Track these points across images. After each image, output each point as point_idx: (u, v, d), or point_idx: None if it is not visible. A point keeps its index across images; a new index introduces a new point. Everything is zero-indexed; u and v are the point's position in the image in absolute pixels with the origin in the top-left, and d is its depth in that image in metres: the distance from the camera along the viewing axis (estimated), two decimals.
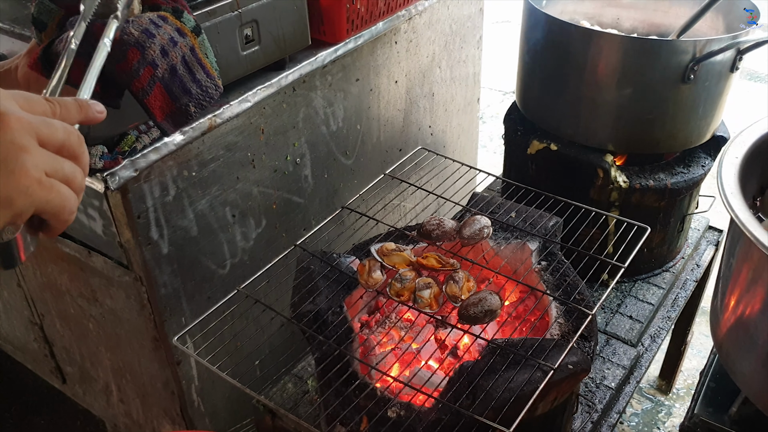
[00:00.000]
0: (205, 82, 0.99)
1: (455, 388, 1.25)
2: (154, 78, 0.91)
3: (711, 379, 1.31)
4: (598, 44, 1.76)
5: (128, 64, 0.88)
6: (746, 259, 1.02)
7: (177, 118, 0.95)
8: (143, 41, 0.89)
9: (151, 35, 0.90)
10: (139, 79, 0.89)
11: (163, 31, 0.92)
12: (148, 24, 0.91)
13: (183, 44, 0.94)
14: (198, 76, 0.98)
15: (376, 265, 1.44)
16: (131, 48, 0.88)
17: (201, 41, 0.99)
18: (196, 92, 0.97)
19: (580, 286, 1.47)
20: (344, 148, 2.02)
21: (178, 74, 0.93)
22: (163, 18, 0.95)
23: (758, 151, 1.14)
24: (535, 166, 2.02)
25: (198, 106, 0.96)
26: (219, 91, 1.00)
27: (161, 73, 0.91)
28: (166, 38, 0.93)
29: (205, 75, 0.99)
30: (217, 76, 1.00)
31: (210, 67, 1.00)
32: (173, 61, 0.93)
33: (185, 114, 0.96)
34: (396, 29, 2.04)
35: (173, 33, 0.95)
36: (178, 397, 1.79)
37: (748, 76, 4.76)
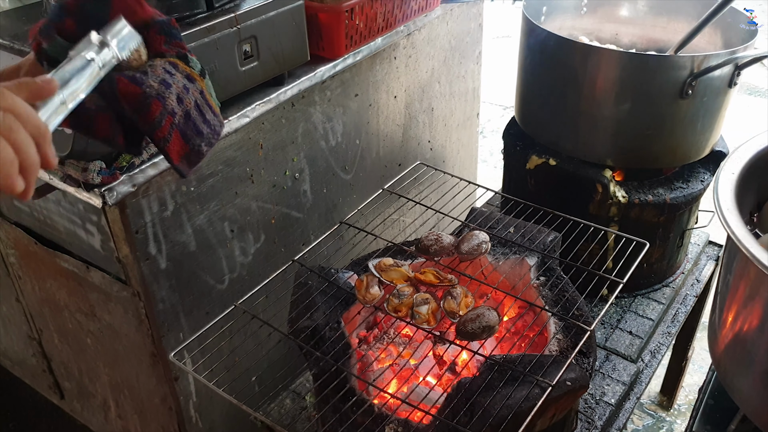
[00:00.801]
0: (213, 121, 1.02)
1: (453, 404, 1.24)
2: (173, 126, 0.95)
3: (709, 396, 1.30)
4: (596, 60, 1.77)
5: (152, 115, 0.91)
6: (743, 275, 1.01)
7: (191, 158, 0.99)
8: (162, 92, 0.92)
9: (168, 85, 0.93)
10: (161, 129, 0.92)
11: (177, 80, 0.95)
12: (164, 74, 0.94)
13: (194, 90, 0.98)
14: (208, 116, 1.01)
15: (374, 281, 1.44)
16: (154, 100, 0.91)
17: (207, 82, 1.02)
18: (207, 132, 1.00)
19: (578, 302, 1.47)
20: (343, 163, 2.02)
21: (192, 118, 0.97)
22: (174, 65, 0.97)
23: (755, 167, 1.14)
24: (534, 181, 2.02)
25: (208, 144, 1.00)
26: (223, 126, 1.03)
27: (178, 120, 0.95)
28: (181, 86, 0.96)
29: (213, 115, 1.02)
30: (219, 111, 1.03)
31: (215, 106, 1.04)
32: (187, 107, 0.96)
33: (198, 154, 0.99)
34: (395, 45, 2.05)
35: (185, 80, 0.98)
36: (176, 413, 1.78)
37: (748, 91, 4.77)
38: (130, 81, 0.88)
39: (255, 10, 1.54)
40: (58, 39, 0.91)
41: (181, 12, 1.45)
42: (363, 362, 1.46)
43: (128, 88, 0.88)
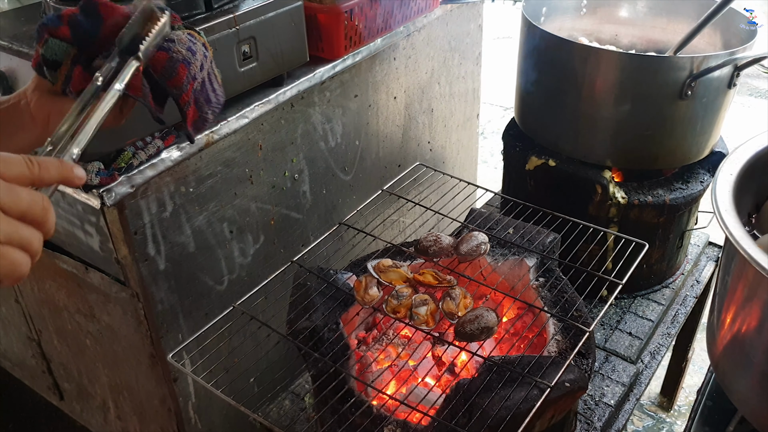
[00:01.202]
0: (219, 91, 1.06)
1: (451, 405, 1.24)
2: (194, 91, 0.98)
3: (708, 398, 1.30)
4: (596, 61, 1.76)
5: (180, 79, 0.94)
6: (741, 276, 1.01)
7: (199, 124, 1.04)
8: (189, 58, 0.94)
9: (193, 52, 0.95)
10: (187, 93, 0.96)
11: (198, 48, 0.99)
12: (189, 42, 0.97)
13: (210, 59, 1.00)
14: (215, 86, 1.05)
15: (373, 282, 1.44)
16: (181, 64, 0.93)
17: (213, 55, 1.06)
18: (214, 101, 1.05)
19: (577, 303, 1.46)
20: (343, 164, 2.02)
21: (205, 87, 1.01)
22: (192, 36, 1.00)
23: (754, 168, 1.13)
24: (533, 182, 2.02)
25: (214, 113, 1.04)
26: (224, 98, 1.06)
27: (198, 86, 0.97)
28: (201, 54, 0.98)
29: (219, 85, 1.06)
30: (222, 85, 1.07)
31: (219, 78, 1.07)
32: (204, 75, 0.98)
33: (205, 120, 1.06)
34: (395, 46, 2.05)
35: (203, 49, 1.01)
36: (175, 414, 1.78)
37: (749, 92, 4.76)
38: (157, 49, 0.91)
39: (254, 10, 1.54)
40: (51, 40, 0.92)
41: (180, 12, 1.45)
42: (362, 363, 1.46)
43: (156, 54, 0.91)
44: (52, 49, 0.92)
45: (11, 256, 0.64)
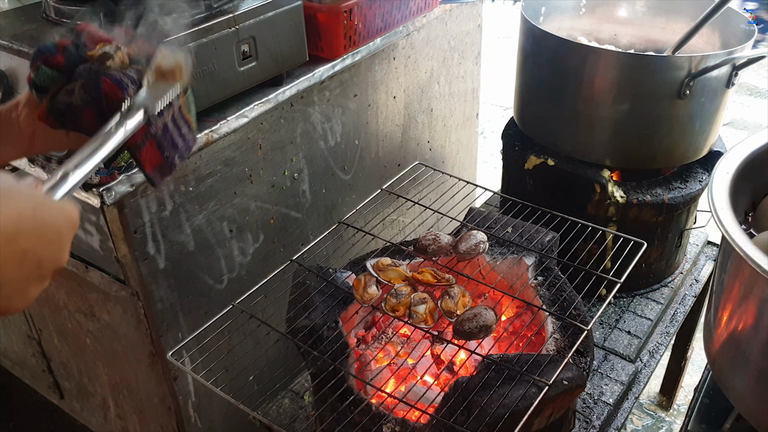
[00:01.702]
0: (188, 136, 1.05)
1: (450, 403, 1.24)
2: (147, 135, 0.96)
3: (705, 396, 1.30)
4: (594, 60, 1.77)
5: (135, 138, 0.93)
6: (737, 275, 1.01)
7: (164, 169, 1.01)
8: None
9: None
10: (134, 137, 0.93)
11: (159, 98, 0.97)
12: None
13: (175, 105, 0.98)
14: (183, 131, 1.03)
15: (372, 281, 1.44)
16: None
17: (188, 97, 1.04)
18: (181, 146, 1.03)
19: (576, 301, 1.47)
20: (342, 164, 2.03)
21: (169, 131, 0.99)
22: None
23: (750, 166, 1.14)
24: (532, 181, 2.03)
25: (181, 157, 1.03)
26: (196, 141, 1.06)
27: (154, 130, 0.96)
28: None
29: (188, 129, 1.05)
30: (196, 127, 1.05)
31: (192, 121, 1.06)
32: (165, 120, 0.97)
33: (171, 166, 1.03)
34: (394, 45, 2.05)
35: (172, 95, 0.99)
36: (175, 412, 1.78)
37: (749, 92, 4.77)
38: (114, 83, 0.91)
39: (253, 10, 1.54)
40: (43, 67, 0.94)
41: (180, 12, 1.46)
42: (361, 361, 1.46)
43: (111, 89, 0.91)
44: (42, 76, 0.94)
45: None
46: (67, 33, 1.00)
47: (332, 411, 1.33)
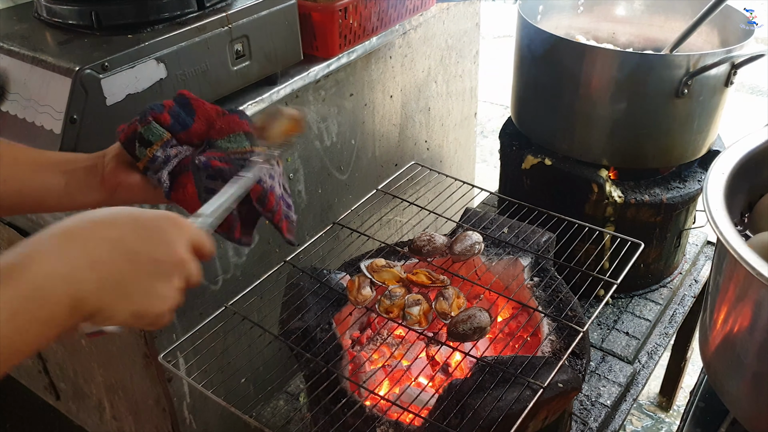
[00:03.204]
0: (287, 195, 1.13)
1: (443, 406, 1.23)
2: (282, 209, 1.07)
3: (700, 399, 1.29)
4: (591, 59, 1.76)
5: (270, 204, 1.02)
6: (732, 277, 1.00)
7: (290, 228, 1.11)
8: (273, 186, 1.03)
9: (273, 177, 1.03)
10: (278, 213, 1.05)
11: (275, 171, 1.05)
12: (270, 169, 1.03)
13: (281, 174, 1.09)
14: (288, 191, 1.12)
15: (366, 282, 1.43)
16: (270, 193, 1.02)
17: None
18: (291, 204, 1.12)
19: (572, 303, 1.45)
20: (338, 163, 2.02)
21: (284, 198, 1.08)
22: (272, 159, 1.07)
23: (746, 167, 1.12)
24: (530, 181, 2.01)
25: (295, 213, 1.13)
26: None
27: (282, 203, 1.07)
28: (277, 176, 1.06)
29: (287, 191, 1.14)
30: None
31: (287, 185, 1.16)
32: (281, 190, 1.07)
33: (293, 223, 1.12)
34: (390, 44, 2.04)
35: (279, 168, 1.08)
36: (170, 414, 1.77)
37: (749, 90, 4.75)
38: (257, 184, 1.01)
39: (247, 9, 1.53)
40: (154, 123, 1.00)
41: (172, 11, 1.45)
42: (355, 363, 1.45)
43: (256, 189, 1.00)
44: (152, 131, 1.00)
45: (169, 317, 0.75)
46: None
47: (326, 413, 1.32)
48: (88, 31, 1.42)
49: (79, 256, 0.65)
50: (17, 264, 0.62)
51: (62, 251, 0.65)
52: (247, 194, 0.98)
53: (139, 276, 0.69)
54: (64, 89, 1.29)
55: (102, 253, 0.67)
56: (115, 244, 0.68)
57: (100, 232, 0.68)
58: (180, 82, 1.43)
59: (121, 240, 0.69)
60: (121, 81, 1.34)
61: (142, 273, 0.69)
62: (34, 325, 0.62)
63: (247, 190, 0.97)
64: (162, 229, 0.72)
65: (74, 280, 0.64)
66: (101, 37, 1.40)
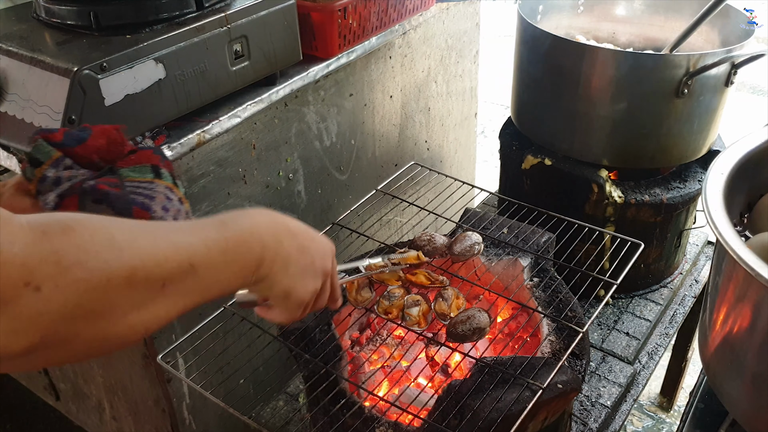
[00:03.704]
0: None
1: (442, 407, 1.23)
2: None
3: (700, 400, 1.28)
4: (591, 59, 1.75)
5: None
6: (731, 278, 1.00)
7: None
8: (163, 215, 0.97)
9: (167, 210, 0.98)
10: None
11: (172, 204, 1.00)
12: (165, 200, 0.98)
13: (184, 211, 1.02)
14: None
15: (365, 282, 1.43)
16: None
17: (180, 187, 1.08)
18: None
19: (572, 303, 1.45)
20: (338, 164, 2.01)
21: None
22: (170, 190, 1.01)
23: (746, 167, 1.12)
24: (530, 181, 2.01)
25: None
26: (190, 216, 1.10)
27: None
28: (175, 209, 1.00)
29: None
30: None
31: (187, 204, 1.09)
32: None
33: None
34: (390, 44, 2.03)
35: (178, 204, 1.02)
36: (169, 415, 1.77)
37: (751, 90, 4.74)
38: (141, 209, 0.95)
39: (245, 9, 1.53)
40: (41, 141, 0.95)
41: (171, 12, 1.44)
42: (354, 364, 1.45)
43: (141, 215, 0.95)
44: (39, 149, 0.96)
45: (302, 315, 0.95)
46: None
47: (325, 414, 1.31)
48: (86, 31, 1.42)
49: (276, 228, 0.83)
50: (233, 216, 0.79)
51: (264, 217, 0.83)
52: None
53: (300, 263, 0.85)
54: (63, 90, 1.28)
55: (284, 239, 0.83)
56: (294, 235, 0.85)
57: (287, 222, 0.86)
58: (179, 82, 1.43)
59: (298, 235, 0.86)
60: (120, 81, 1.33)
61: (302, 263, 0.86)
62: (231, 267, 0.75)
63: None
64: (325, 246, 0.93)
65: (266, 244, 0.80)
66: (100, 37, 1.40)
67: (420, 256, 1.46)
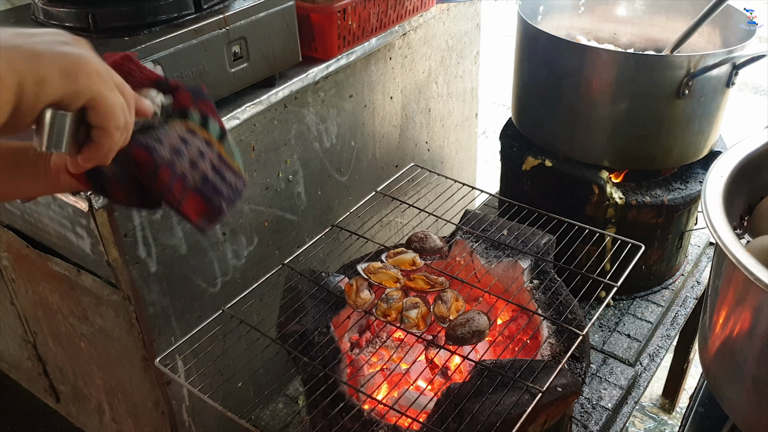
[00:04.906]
0: (234, 182, 1.04)
1: (441, 410, 1.22)
2: (185, 189, 0.95)
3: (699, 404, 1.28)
4: (592, 60, 1.74)
5: (161, 182, 0.92)
6: (731, 281, 0.99)
7: (211, 216, 0.99)
8: (173, 160, 0.93)
9: (179, 154, 0.93)
10: (172, 194, 0.93)
11: (191, 147, 0.96)
12: (179, 142, 0.95)
13: (211, 155, 0.99)
14: (227, 177, 1.02)
15: (364, 285, 1.42)
16: (163, 167, 0.91)
17: (227, 145, 1.03)
18: (227, 192, 1.01)
19: (572, 305, 1.44)
20: (338, 165, 2.01)
21: (209, 180, 0.98)
22: (192, 132, 0.98)
23: (746, 169, 1.11)
24: (530, 183, 2.00)
25: (229, 203, 1.02)
26: (246, 186, 1.04)
27: (192, 183, 0.96)
28: (195, 153, 0.97)
29: (233, 175, 1.03)
30: (243, 171, 1.04)
31: (237, 166, 1.05)
32: (203, 171, 0.97)
33: (218, 212, 1.00)
34: (390, 45, 2.03)
35: (202, 146, 0.99)
36: (169, 417, 1.77)
37: (753, 90, 4.72)
38: (143, 149, 0.90)
39: (244, 11, 1.52)
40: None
41: (169, 13, 1.44)
42: (353, 366, 1.44)
43: (142, 156, 0.90)
44: None
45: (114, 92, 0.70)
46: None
47: (324, 417, 1.31)
48: (84, 33, 1.41)
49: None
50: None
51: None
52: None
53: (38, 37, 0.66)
54: None
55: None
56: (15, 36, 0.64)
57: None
58: None
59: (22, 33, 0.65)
60: None
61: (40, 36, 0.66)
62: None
63: None
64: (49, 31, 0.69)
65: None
66: (98, 39, 1.39)
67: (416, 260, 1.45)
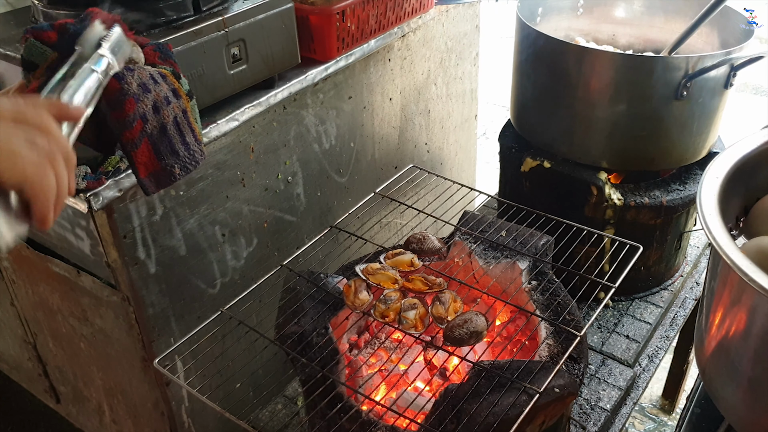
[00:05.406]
0: (194, 147, 0.98)
1: (439, 411, 1.23)
2: (144, 132, 0.91)
3: (696, 405, 1.28)
4: (590, 61, 1.75)
5: (124, 113, 0.89)
6: (726, 282, 0.99)
7: (160, 178, 0.95)
8: (139, 94, 0.90)
9: (147, 90, 0.91)
10: (131, 131, 0.89)
11: (159, 88, 0.93)
12: (148, 79, 0.92)
13: (176, 105, 0.94)
14: (188, 138, 0.97)
15: (363, 286, 1.42)
16: (129, 98, 0.88)
17: (193, 106, 0.99)
18: (183, 155, 0.97)
19: (570, 306, 1.45)
20: (338, 166, 2.01)
21: (168, 134, 0.94)
22: (162, 75, 0.95)
23: (742, 170, 1.11)
24: (529, 184, 2.01)
25: (183, 168, 0.96)
26: (203, 157, 1.00)
27: (150, 129, 0.92)
28: (161, 96, 0.93)
29: (194, 139, 0.99)
30: (202, 138, 1.00)
31: (198, 133, 1.00)
32: (164, 119, 0.93)
33: (169, 175, 0.96)
34: (389, 47, 2.03)
35: (169, 92, 0.95)
36: (168, 418, 1.77)
37: (753, 91, 4.72)
38: (113, 77, 0.88)
39: (243, 13, 1.53)
40: (32, 40, 0.90)
41: (168, 15, 1.44)
42: (352, 367, 1.45)
43: (111, 83, 0.87)
44: (30, 49, 0.89)
45: (39, 163, 0.66)
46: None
47: (322, 417, 1.31)
48: None
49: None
50: None
51: None
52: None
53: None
54: None
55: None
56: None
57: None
58: None
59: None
60: None
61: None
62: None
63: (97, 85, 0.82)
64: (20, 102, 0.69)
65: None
66: None
67: (414, 261, 1.45)
